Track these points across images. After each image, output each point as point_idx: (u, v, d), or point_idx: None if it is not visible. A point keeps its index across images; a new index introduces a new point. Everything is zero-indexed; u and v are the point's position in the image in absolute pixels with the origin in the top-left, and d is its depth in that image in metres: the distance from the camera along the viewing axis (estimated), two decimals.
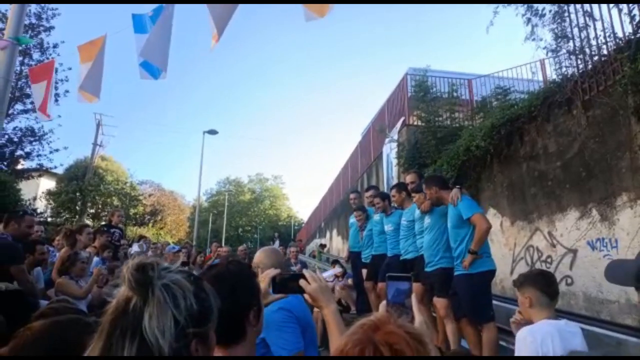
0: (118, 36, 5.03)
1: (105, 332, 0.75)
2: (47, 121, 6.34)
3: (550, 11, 6.08)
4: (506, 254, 6.68)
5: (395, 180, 9.76)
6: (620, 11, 5.20)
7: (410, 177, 5.39)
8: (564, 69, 6.11)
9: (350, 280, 6.85)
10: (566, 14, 5.94)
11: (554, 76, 6.43)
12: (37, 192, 18.18)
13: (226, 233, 41.21)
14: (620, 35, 5.23)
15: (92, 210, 20.71)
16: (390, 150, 10.70)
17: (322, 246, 18.10)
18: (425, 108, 9.85)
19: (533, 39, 6.29)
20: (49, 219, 16.96)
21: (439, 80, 10.43)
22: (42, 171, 16.07)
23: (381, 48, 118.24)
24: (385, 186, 10.59)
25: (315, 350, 1.82)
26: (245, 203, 52.10)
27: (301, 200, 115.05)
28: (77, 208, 19.26)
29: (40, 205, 17.73)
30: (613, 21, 5.32)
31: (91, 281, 4.16)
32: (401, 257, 5.10)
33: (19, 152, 14.66)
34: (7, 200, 9.59)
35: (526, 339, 2.03)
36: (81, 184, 19.30)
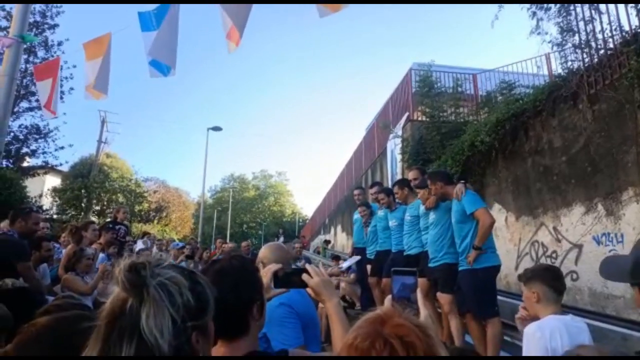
0: (122, 34, 5.06)
1: (101, 335, 0.75)
2: (53, 118, 6.37)
3: (555, 5, 6.02)
4: (511, 249, 6.66)
5: (399, 176, 9.75)
6: (626, 4, 5.15)
7: (412, 174, 5.38)
8: (570, 63, 6.06)
9: (353, 275, 6.86)
10: (572, 8, 5.88)
11: (560, 70, 6.39)
12: (43, 190, 18.26)
13: (231, 229, 41.36)
14: (626, 28, 5.19)
15: (98, 207, 20.78)
16: (394, 146, 10.67)
17: (327, 242, 18.14)
18: (429, 103, 9.81)
19: (538, 33, 6.24)
20: (55, 216, 17.04)
21: (444, 75, 10.36)
22: (48, 168, 16.16)
23: (385, 46, 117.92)
24: (389, 182, 10.56)
25: (318, 346, 1.82)
26: (249, 199, 52.22)
27: (305, 196, 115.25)
28: (83, 205, 19.34)
29: (45, 202, 17.82)
30: (619, 14, 5.27)
31: (97, 277, 4.19)
32: (405, 253, 5.10)
33: (25, 150, 14.74)
34: (13, 197, 9.64)
35: (535, 334, 2.01)
36: (86, 181, 19.39)
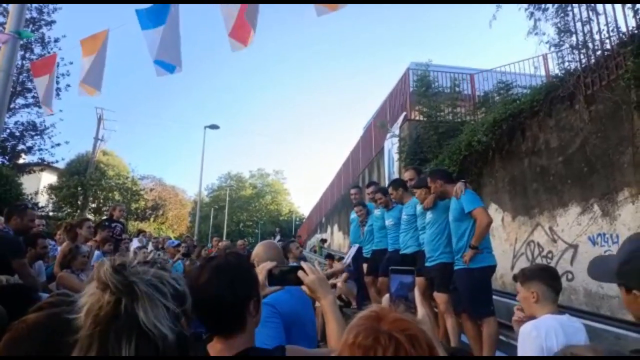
0: (119, 31, 5.03)
1: (96, 343, 0.76)
2: (50, 115, 6.35)
3: (553, 5, 6.04)
4: (507, 249, 6.68)
5: (396, 175, 9.76)
6: (623, 5, 5.17)
7: (408, 174, 5.39)
8: (567, 64, 6.09)
9: (344, 274, 6.85)
10: (569, 9, 5.90)
11: (557, 71, 6.42)
12: (39, 187, 18.18)
13: (227, 228, 41.30)
14: (623, 29, 5.21)
15: (94, 204, 20.73)
16: (391, 145, 10.68)
17: (323, 241, 18.16)
18: (427, 103, 9.82)
19: (536, 34, 6.27)
20: (51, 214, 16.99)
21: (441, 75, 10.39)
22: (44, 165, 16.09)
23: (382, 46, 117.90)
24: (386, 181, 10.57)
25: (310, 344, 1.81)
26: (246, 198, 52.19)
27: (302, 195, 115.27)
28: (79, 203, 19.29)
29: (41, 199, 17.76)
30: (616, 15, 5.29)
31: (92, 275, 4.17)
32: (401, 252, 5.10)
33: (21, 147, 14.68)
34: (9, 194, 9.60)
35: (531, 334, 2.01)
36: (83, 179, 19.32)
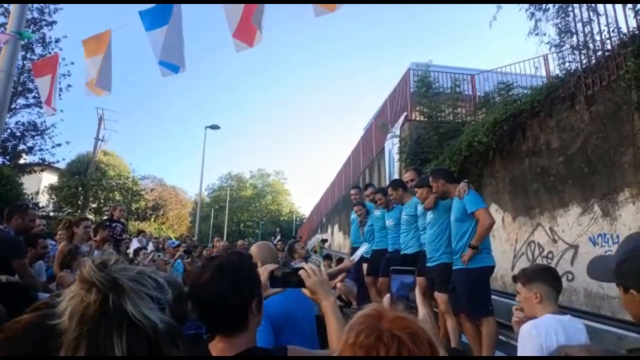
0: (121, 32, 5.03)
1: (85, 342, 0.76)
2: (52, 114, 6.35)
3: (554, 6, 6.04)
4: (507, 250, 6.68)
5: (396, 175, 9.76)
6: (624, 6, 5.16)
7: (408, 175, 5.38)
8: (567, 64, 6.09)
9: (342, 275, 6.85)
10: (570, 9, 5.90)
11: (557, 71, 6.42)
12: (40, 187, 18.21)
13: (228, 228, 41.31)
14: (624, 30, 5.21)
15: (94, 205, 20.74)
16: (392, 145, 10.68)
17: (324, 241, 18.13)
18: (427, 103, 9.82)
19: (536, 34, 6.27)
20: (51, 214, 17.00)
21: (442, 75, 10.39)
22: (45, 165, 16.11)
23: (384, 46, 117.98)
24: (387, 182, 10.56)
25: (307, 343, 1.81)
26: (247, 198, 52.22)
27: (303, 195, 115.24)
28: (79, 203, 19.31)
29: (42, 199, 17.78)
30: (617, 16, 5.29)
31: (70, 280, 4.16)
32: (401, 252, 5.10)
33: (22, 147, 14.71)
34: (10, 194, 9.61)
35: (531, 333, 2.01)
36: (83, 179, 19.34)
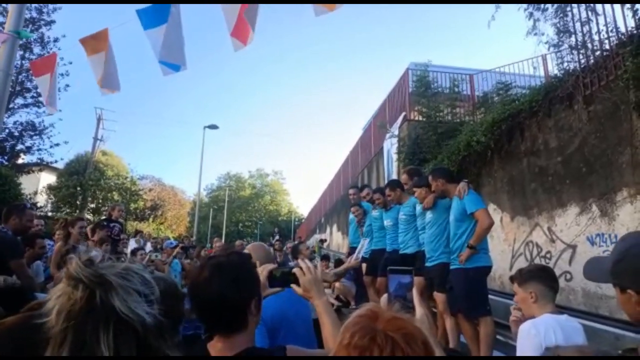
0: (118, 31, 5.02)
1: (71, 336, 0.77)
2: (53, 113, 6.33)
3: (552, 5, 6.05)
4: (505, 250, 6.69)
5: (394, 175, 9.76)
6: (623, 6, 5.17)
7: (403, 178, 5.38)
8: (566, 64, 6.10)
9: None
10: (568, 9, 5.91)
11: (556, 71, 6.42)
12: (38, 187, 18.16)
13: (226, 228, 41.28)
14: (622, 30, 5.21)
15: (93, 205, 20.70)
16: (390, 145, 10.68)
17: (322, 241, 18.13)
18: (426, 103, 9.82)
19: (535, 34, 6.28)
20: (50, 214, 16.96)
21: (440, 75, 10.39)
22: (43, 165, 16.05)
23: (383, 46, 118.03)
24: (385, 181, 10.57)
25: (303, 344, 1.82)
26: (245, 198, 52.18)
27: (302, 195, 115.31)
28: (78, 203, 19.25)
29: (40, 199, 17.74)
30: (616, 16, 5.29)
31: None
32: (400, 251, 5.10)
33: (20, 147, 14.62)
34: (8, 194, 9.58)
35: (530, 332, 2.02)
36: (82, 179, 19.28)
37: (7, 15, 4.92)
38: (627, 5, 5.10)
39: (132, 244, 8.70)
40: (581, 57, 5.79)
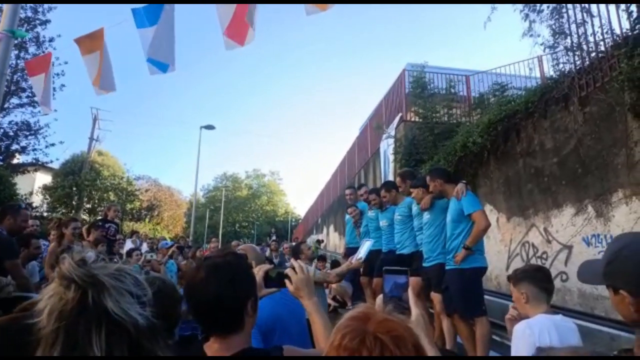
0: (114, 31, 4.99)
1: (62, 336, 0.76)
2: (49, 113, 6.29)
3: (548, 7, 6.07)
4: (502, 250, 6.70)
5: (391, 176, 9.77)
6: (618, 7, 5.20)
7: (397, 181, 5.39)
8: (561, 66, 6.12)
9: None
10: (564, 10, 5.93)
11: (551, 72, 6.45)
12: (33, 187, 18.07)
13: (223, 229, 41.17)
14: (617, 31, 5.23)
15: (89, 205, 20.63)
16: (387, 146, 10.69)
17: (319, 242, 18.12)
18: (422, 104, 9.85)
19: (531, 35, 6.29)
20: (45, 214, 16.88)
21: (437, 76, 10.42)
22: (38, 166, 15.96)
23: (380, 46, 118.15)
24: (382, 182, 10.58)
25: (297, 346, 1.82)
26: (242, 199, 52.06)
27: (299, 196, 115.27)
28: (74, 203, 19.19)
29: (36, 200, 17.66)
30: (611, 17, 5.32)
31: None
32: (397, 252, 5.11)
33: (15, 147, 14.56)
34: (2, 194, 9.55)
35: (524, 332, 2.03)
36: (77, 179, 19.21)
37: (2, 14, 4.88)
38: (622, 6, 5.13)
39: (129, 245, 8.67)
40: (576, 59, 5.82)
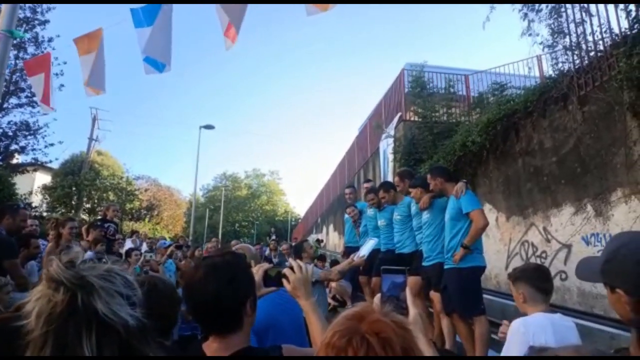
0: (114, 31, 5.00)
1: (52, 340, 0.76)
2: (50, 112, 6.27)
3: (546, 6, 6.07)
4: (501, 249, 6.71)
5: (390, 175, 9.77)
6: (616, 7, 5.20)
7: (395, 181, 5.37)
8: (560, 65, 6.13)
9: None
10: (563, 10, 5.93)
11: (550, 72, 6.45)
12: (33, 187, 18.06)
13: (223, 229, 41.16)
14: (616, 31, 5.23)
15: (88, 205, 20.62)
16: (386, 145, 10.68)
17: (319, 241, 18.13)
18: (422, 104, 9.85)
19: (529, 35, 6.29)
20: (45, 214, 16.87)
21: (436, 75, 10.42)
22: (37, 165, 15.96)
23: (379, 46, 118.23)
24: (381, 182, 10.58)
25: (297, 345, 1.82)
26: (242, 198, 52.05)
27: (298, 195, 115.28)
28: (73, 203, 19.18)
29: (35, 199, 17.65)
30: (609, 17, 5.32)
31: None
32: (397, 251, 5.11)
33: (14, 147, 14.54)
34: (2, 194, 9.54)
35: (519, 330, 2.04)
36: (77, 179, 19.21)
37: (0, 14, 4.87)
38: (621, 6, 5.13)
39: (128, 244, 8.68)
40: (575, 58, 5.82)
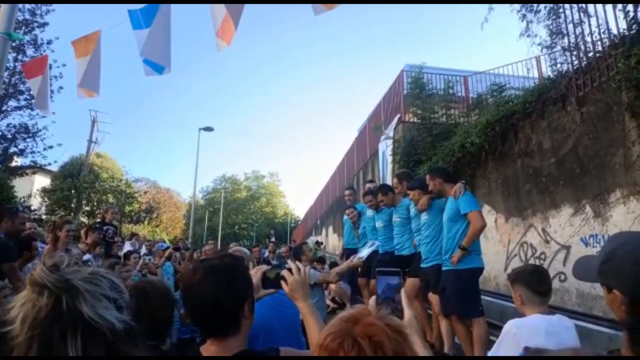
0: (113, 33, 4.99)
1: (36, 344, 0.75)
2: (46, 115, 6.28)
3: (545, 7, 6.08)
4: (500, 251, 6.70)
5: (389, 177, 9.76)
6: (614, 7, 5.20)
7: (393, 182, 5.38)
8: (559, 66, 6.13)
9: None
10: (561, 10, 5.94)
11: (549, 73, 6.45)
12: (32, 190, 18.07)
13: (222, 231, 41.13)
14: (614, 31, 5.24)
15: (87, 207, 20.62)
16: (385, 147, 10.68)
17: (318, 243, 18.11)
18: (420, 105, 9.86)
19: (528, 35, 6.31)
20: (44, 217, 16.85)
21: (435, 77, 10.43)
22: (36, 168, 15.95)
23: (379, 46, 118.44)
24: (380, 183, 10.58)
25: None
26: (241, 200, 51.97)
27: (298, 197, 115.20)
28: (72, 205, 19.17)
29: (35, 202, 17.63)
30: (608, 17, 5.33)
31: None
32: (396, 253, 5.10)
33: (13, 149, 14.53)
34: (1, 197, 9.53)
35: (510, 331, 2.05)
36: (76, 182, 19.21)
37: None
38: (619, 6, 5.14)
39: (128, 247, 8.66)
40: (574, 59, 5.83)
